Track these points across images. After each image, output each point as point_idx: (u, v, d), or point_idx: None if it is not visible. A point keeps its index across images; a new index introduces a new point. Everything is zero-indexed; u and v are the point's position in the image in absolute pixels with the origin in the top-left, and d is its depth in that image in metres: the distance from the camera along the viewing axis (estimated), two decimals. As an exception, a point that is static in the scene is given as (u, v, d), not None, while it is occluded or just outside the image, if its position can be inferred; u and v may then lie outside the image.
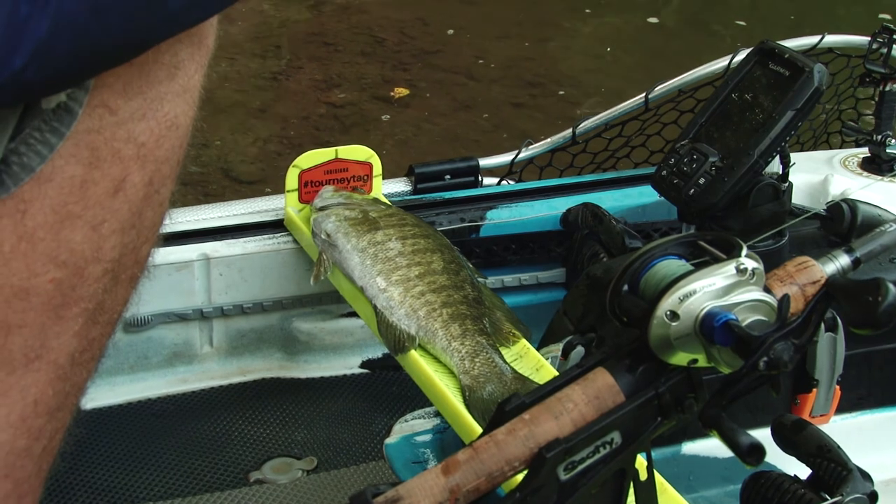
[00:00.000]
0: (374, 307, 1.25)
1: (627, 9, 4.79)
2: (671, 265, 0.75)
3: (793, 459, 1.01)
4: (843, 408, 1.27)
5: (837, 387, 1.24)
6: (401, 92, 3.69)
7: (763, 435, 1.03)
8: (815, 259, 0.78)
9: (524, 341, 1.25)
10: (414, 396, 1.45)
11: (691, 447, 1.25)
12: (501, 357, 1.20)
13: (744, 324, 0.71)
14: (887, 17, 4.41)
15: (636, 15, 4.64)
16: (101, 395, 1.45)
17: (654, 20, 4.51)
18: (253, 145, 3.37)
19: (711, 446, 1.25)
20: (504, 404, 0.75)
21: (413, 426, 1.40)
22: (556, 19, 4.65)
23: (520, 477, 0.74)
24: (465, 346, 1.20)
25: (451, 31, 4.42)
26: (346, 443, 1.41)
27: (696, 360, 0.73)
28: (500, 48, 4.30)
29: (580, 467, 0.73)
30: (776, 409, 1.22)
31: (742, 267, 0.73)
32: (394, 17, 4.56)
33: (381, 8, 4.73)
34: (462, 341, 1.20)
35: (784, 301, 0.71)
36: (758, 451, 0.70)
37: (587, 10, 4.67)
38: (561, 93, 3.95)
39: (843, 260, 0.78)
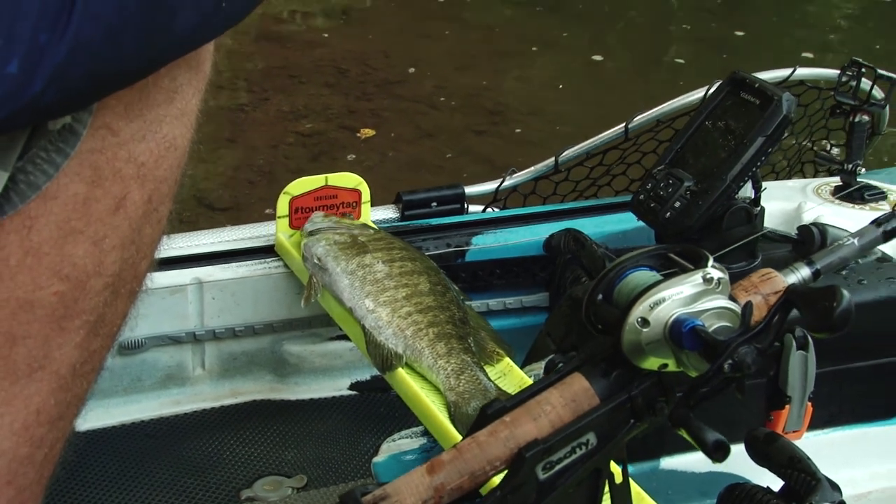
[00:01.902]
0: (363, 327, 1.29)
1: (571, 47, 5.06)
2: (643, 276, 0.80)
3: (767, 473, 1.05)
4: (816, 424, 1.30)
5: (810, 403, 1.28)
6: (367, 133, 3.78)
7: (738, 450, 1.08)
8: (779, 271, 0.83)
9: (508, 360, 1.30)
10: (401, 417, 1.49)
11: (670, 462, 1.29)
12: (486, 374, 1.24)
13: (710, 329, 0.75)
14: (809, 55, 4.61)
15: (581, 53, 4.91)
16: (96, 416, 1.48)
17: (598, 58, 4.76)
18: (224, 174, 3.45)
19: (689, 461, 1.29)
20: (486, 408, 0.80)
21: (400, 445, 1.44)
22: (509, 54, 4.89)
23: (501, 476, 0.78)
24: (451, 364, 1.24)
25: (411, 63, 4.60)
26: (336, 461, 1.45)
27: (666, 365, 0.78)
28: (460, 79, 4.48)
29: (558, 467, 0.77)
30: (751, 425, 1.26)
31: (708, 276, 0.77)
32: (356, 51, 4.75)
33: (343, 42, 4.93)
34: (448, 359, 1.25)
35: (747, 308, 0.76)
36: (723, 447, 0.74)
37: (534, 49, 4.91)
38: (520, 120, 4.11)
39: (804, 272, 0.83)
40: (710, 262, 0.78)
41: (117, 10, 0.65)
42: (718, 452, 0.74)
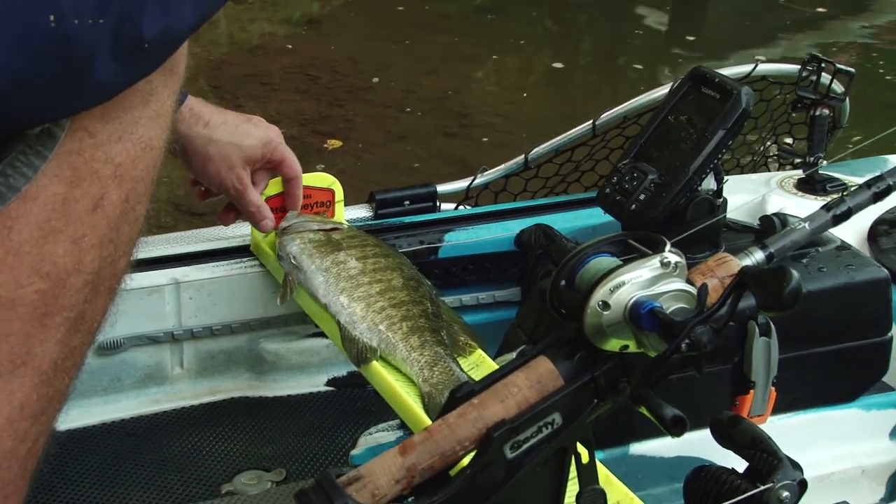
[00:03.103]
0: (338, 323, 1.32)
1: (530, 54, 5.27)
2: (603, 261, 0.83)
3: (733, 456, 1.09)
4: (780, 408, 1.34)
5: (773, 388, 1.32)
6: (334, 144, 3.82)
7: (705, 434, 1.12)
8: (734, 255, 0.86)
9: (480, 351, 1.33)
10: (378, 411, 1.52)
11: (639, 448, 1.32)
12: (458, 366, 1.27)
13: (668, 311, 0.79)
14: (761, 57, 4.76)
15: (540, 59, 5.13)
16: (76, 416, 1.49)
17: (558, 65, 4.92)
18: (200, 180, 3.49)
19: (658, 447, 1.32)
20: (455, 391, 0.83)
21: (377, 438, 1.46)
22: (472, 60, 5.06)
23: (471, 456, 0.81)
24: (424, 357, 1.27)
25: (379, 69, 4.71)
26: (314, 455, 1.47)
27: (626, 346, 0.81)
28: (427, 84, 4.59)
29: (525, 446, 0.81)
30: (718, 411, 1.30)
31: (666, 261, 0.81)
32: (325, 58, 4.86)
33: (312, 49, 5.04)
34: (421, 352, 1.28)
35: (702, 290, 0.79)
36: (680, 421, 0.78)
37: (494, 56, 5.10)
38: (488, 122, 4.22)
39: (758, 255, 0.86)
40: (668, 247, 0.81)
41: (28, 61, 0.67)
42: (676, 427, 0.77)
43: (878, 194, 1.13)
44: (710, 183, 1.34)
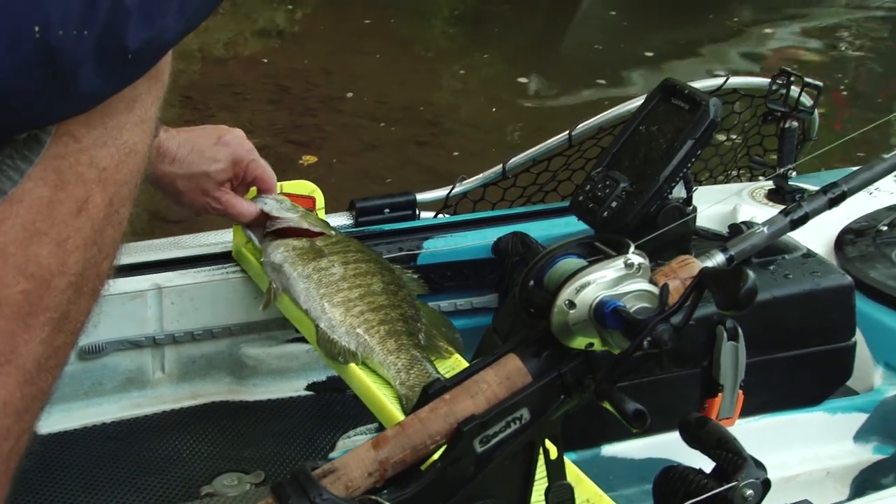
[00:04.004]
0: (317, 327, 1.35)
1: (495, 67, 5.41)
2: (570, 262, 0.87)
3: (702, 458, 1.12)
4: (748, 411, 1.38)
5: (741, 392, 1.35)
6: (309, 160, 3.86)
7: (675, 437, 1.15)
8: (696, 258, 0.90)
9: (457, 355, 1.36)
10: (356, 415, 1.54)
11: (610, 449, 1.35)
12: (435, 368, 1.30)
13: (631, 310, 0.82)
14: (721, 72, 4.89)
15: (505, 72, 5.26)
16: (58, 420, 1.51)
17: (523, 80, 5.03)
18: (175, 187, 3.53)
19: (629, 448, 1.36)
20: (428, 387, 0.86)
21: (355, 441, 1.49)
22: (439, 72, 5.19)
23: (442, 450, 0.84)
24: (401, 360, 1.30)
25: (350, 80, 4.81)
26: (293, 457, 1.49)
27: (592, 344, 0.85)
28: (398, 94, 4.69)
29: (494, 440, 0.84)
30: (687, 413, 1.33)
31: (630, 262, 0.84)
32: (297, 68, 4.96)
33: (284, 60, 5.16)
34: (398, 355, 1.31)
35: (664, 290, 0.83)
36: (641, 415, 0.81)
37: (462, 72, 5.23)
38: (459, 131, 4.32)
39: (719, 257, 0.90)
40: (632, 249, 0.85)
41: (13, 70, 0.69)
42: (637, 420, 0.81)
43: (834, 200, 1.17)
44: (680, 191, 1.38)
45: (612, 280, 0.83)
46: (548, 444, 0.91)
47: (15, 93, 0.71)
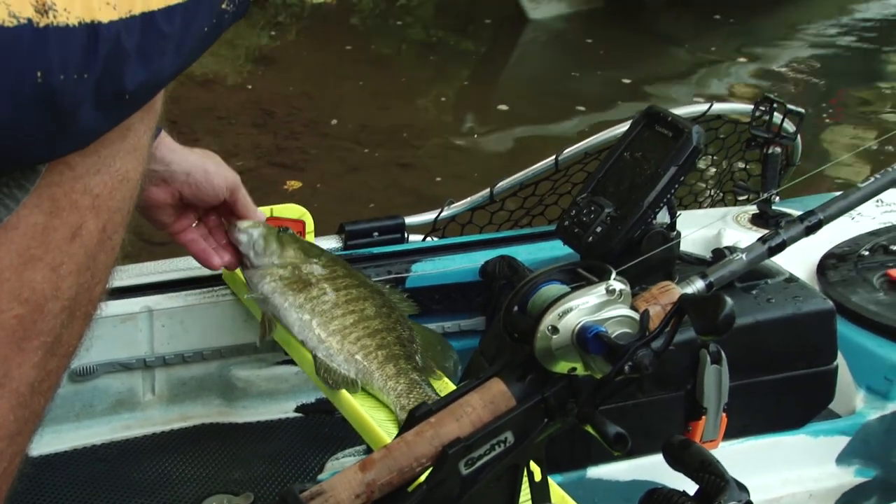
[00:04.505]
0: (315, 356, 1.34)
1: (474, 95, 5.54)
2: (553, 289, 0.89)
3: (687, 480, 1.14)
4: (731, 434, 1.39)
5: (724, 414, 1.37)
6: (293, 185, 3.89)
7: (659, 460, 1.17)
8: (676, 284, 0.92)
9: (445, 379, 1.38)
10: (345, 437, 1.56)
11: (595, 471, 1.36)
12: (434, 391, 1.32)
13: (612, 335, 0.84)
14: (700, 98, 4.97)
15: (485, 99, 5.37)
16: (48, 442, 1.51)
17: (503, 107, 5.09)
18: (159, 210, 3.56)
19: (614, 471, 1.37)
20: (414, 411, 0.88)
21: (344, 463, 1.51)
22: (423, 95, 5.27)
23: (428, 472, 0.85)
24: (401, 384, 1.31)
25: (333, 104, 4.87)
26: (282, 479, 1.51)
27: (575, 368, 0.87)
28: (382, 117, 4.75)
29: (479, 463, 0.86)
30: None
31: (611, 288, 0.86)
32: (280, 93, 5.03)
33: (267, 84, 5.22)
34: (397, 380, 1.32)
35: (644, 315, 0.85)
36: (622, 438, 0.83)
37: (443, 99, 5.31)
38: (441, 154, 4.39)
39: (699, 284, 0.92)
40: (613, 276, 0.87)
41: (16, 112, 0.71)
42: (618, 443, 0.83)
43: (811, 228, 1.19)
44: (664, 217, 1.40)
45: (594, 306, 0.86)
46: (532, 466, 0.93)
47: (16, 132, 0.73)
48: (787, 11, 6.95)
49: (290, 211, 1.59)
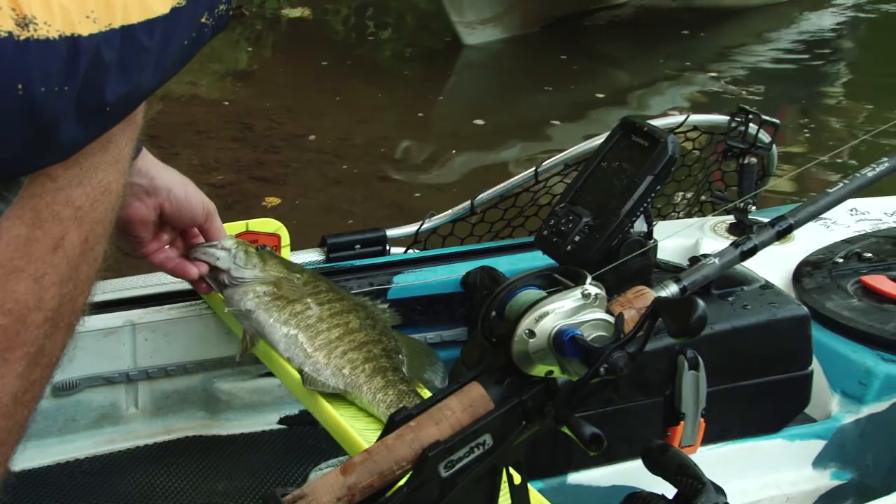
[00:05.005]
0: (302, 372, 1.34)
1: (451, 110, 5.58)
2: (530, 294, 0.91)
3: (666, 486, 1.15)
4: (709, 439, 1.41)
5: (702, 420, 1.39)
6: (272, 202, 3.91)
7: (639, 465, 1.18)
8: (651, 288, 0.94)
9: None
10: (328, 449, 1.56)
11: (576, 477, 1.38)
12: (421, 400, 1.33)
13: (588, 338, 0.86)
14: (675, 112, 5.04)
15: (461, 114, 5.40)
16: (32, 456, 1.51)
17: (479, 122, 5.13)
18: (141, 223, 3.57)
19: (595, 476, 1.39)
20: (394, 415, 0.89)
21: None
22: (400, 109, 5.30)
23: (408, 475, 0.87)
24: (389, 396, 1.32)
25: (313, 118, 4.89)
26: (266, 491, 1.51)
27: (552, 372, 0.88)
28: (362, 130, 4.78)
29: (458, 465, 0.87)
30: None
31: (587, 293, 0.88)
32: (259, 107, 5.05)
33: (246, 99, 5.26)
34: (385, 392, 1.32)
35: (619, 319, 0.87)
36: (598, 439, 0.84)
37: (420, 114, 5.32)
38: (421, 167, 4.44)
39: (672, 288, 0.94)
40: (588, 281, 0.89)
41: None
42: (594, 444, 0.84)
43: (781, 232, 1.22)
44: (641, 225, 1.42)
45: (570, 310, 0.87)
46: (512, 471, 0.94)
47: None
48: (726, 29, 7.02)
49: (266, 225, 1.60)
